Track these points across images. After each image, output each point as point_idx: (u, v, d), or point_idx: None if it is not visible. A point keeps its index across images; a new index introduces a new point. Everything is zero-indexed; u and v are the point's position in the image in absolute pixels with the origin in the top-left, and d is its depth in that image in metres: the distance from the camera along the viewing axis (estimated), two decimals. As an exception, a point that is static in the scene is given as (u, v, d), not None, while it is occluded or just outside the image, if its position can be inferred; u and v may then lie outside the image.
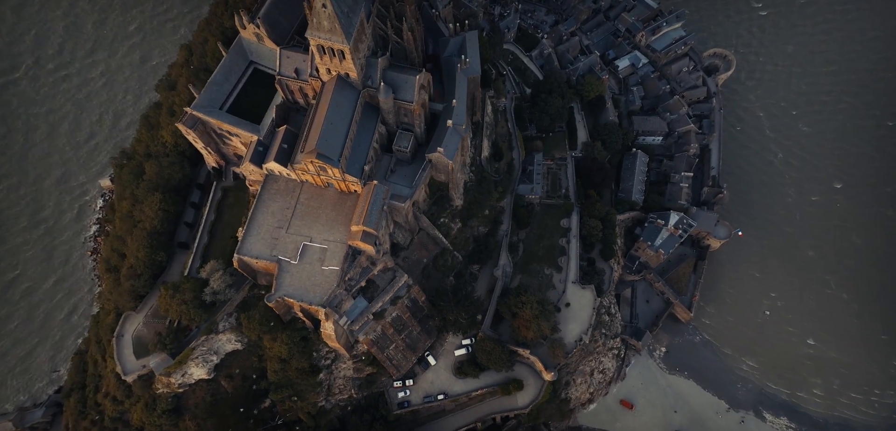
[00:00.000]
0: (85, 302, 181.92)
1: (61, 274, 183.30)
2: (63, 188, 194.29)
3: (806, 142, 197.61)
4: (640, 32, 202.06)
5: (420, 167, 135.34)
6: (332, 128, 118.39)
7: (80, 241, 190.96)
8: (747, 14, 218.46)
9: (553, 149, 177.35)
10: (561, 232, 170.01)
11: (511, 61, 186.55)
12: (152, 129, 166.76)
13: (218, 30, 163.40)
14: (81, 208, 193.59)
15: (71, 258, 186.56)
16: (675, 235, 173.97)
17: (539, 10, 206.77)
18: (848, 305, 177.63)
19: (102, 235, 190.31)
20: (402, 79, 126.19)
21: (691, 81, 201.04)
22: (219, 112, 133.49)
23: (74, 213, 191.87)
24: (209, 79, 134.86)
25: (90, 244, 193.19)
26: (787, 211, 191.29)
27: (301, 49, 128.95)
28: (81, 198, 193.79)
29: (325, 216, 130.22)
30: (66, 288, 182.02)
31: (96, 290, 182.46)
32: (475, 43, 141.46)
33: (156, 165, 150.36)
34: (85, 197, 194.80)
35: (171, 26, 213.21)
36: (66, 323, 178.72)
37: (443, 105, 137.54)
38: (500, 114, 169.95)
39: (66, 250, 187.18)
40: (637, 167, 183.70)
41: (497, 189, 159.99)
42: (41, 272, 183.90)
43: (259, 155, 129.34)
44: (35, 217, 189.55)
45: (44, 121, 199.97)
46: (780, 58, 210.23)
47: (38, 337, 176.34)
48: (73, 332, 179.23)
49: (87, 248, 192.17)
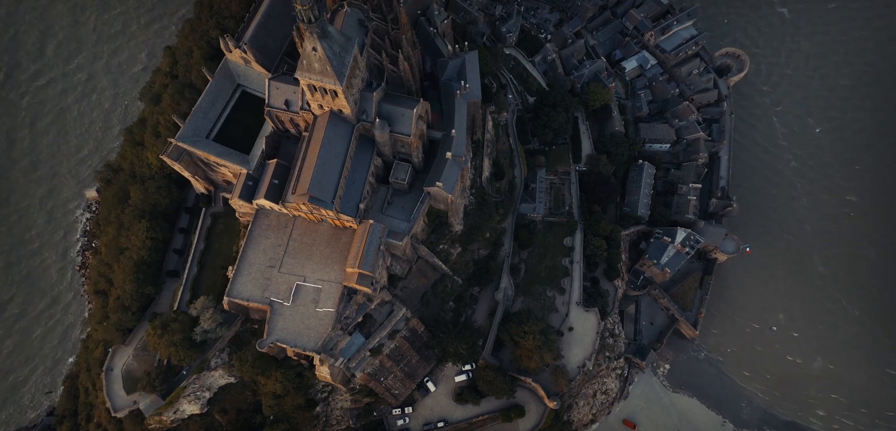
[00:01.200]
0: (76, 320, 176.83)
1: (53, 297, 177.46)
2: (53, 204, 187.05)
3: (820, 150, 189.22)
4: (649, 32, 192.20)
5: (418, 198, 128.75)
6: (324, 169, 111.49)
7: (69, 258, 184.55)
8: (765, 10, 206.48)
9: (556, 164, 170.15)
10: (564, 251, 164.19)
11: (513, 67, 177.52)
12: (137, 146, 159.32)
13: (203, 41, 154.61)
14: (69, 226, 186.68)
15: (64, 277, 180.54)
16: (682, 253, 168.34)
17: (542, 8, 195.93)
18: (859, 323, 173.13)
19: (90, 249, 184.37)
20: (399, 112, 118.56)
21: (702, 84, 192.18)
22: (205, 142, 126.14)
23: (61, 235, 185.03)
24: (194, 106, 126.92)
25: (78, 258, 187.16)
26: (797, 222, 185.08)
27: (291, 78, 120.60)
28: (67, 217, 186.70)
29: (320, 253, 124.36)
30: (57, 310, 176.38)
31: (86, 307, 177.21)
32: (475, 65, 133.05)
33: (141, 190, 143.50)
34: (73, 213, 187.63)
35: (156, 28, 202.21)
36: (59, 345, 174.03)
37: (442, 133, 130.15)
38: (501, 128, 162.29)
39: (59, 269, 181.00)
40: (643, 179, 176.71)
41: (498, 211, 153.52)
42: (31, 294, 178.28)
43: (249, 190, 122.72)
44: (23, 236, 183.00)
45: (28, 132, 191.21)
46: (798, 59, 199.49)
47: (30, 361, 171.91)
48: (66, 353, 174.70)
49: (75, 263, 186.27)
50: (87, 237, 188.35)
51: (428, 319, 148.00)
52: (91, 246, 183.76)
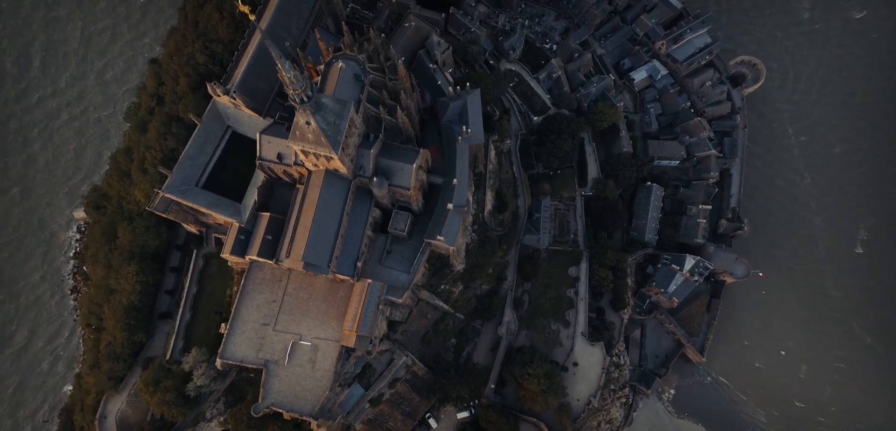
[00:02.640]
0: (69, 344, 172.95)
1: (53, 332, 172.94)
2: (49, 232, 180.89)
3: (838, 169, 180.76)
4: (660, 40, 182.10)
5: (418, 245, 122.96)
6: (320, 232, 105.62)
7: (64, 283, 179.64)
8: (785, 18, 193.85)
9: (561, 189, 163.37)
10: (569, 281, 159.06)
11: (516, 85, 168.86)
12: (123, 177, 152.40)
13: (189, 66, 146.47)
14: (60, 248, 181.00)
15: (58, 302, 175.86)
16: (691, 281, 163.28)
17: (548, 15, 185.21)
18: (871, 350, 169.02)
19: (80, 273, 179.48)
20: (398, 166, 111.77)
21: (715, 96, 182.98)
22: (194, 191, 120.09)
23: (57, 259, 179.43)
24: (182, 153, 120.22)
25: (69, 281, 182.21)
26: (811, 242, 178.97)
27: (284, 129, 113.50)
28: (58, 238, 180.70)
29: (316, 309, 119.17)
30: (56, 345, 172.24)
31: (79, 334, 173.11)
32: (477, 106, 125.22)
33: (130, 231, 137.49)
34: (65, 233, 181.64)
35: (142, 44, 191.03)
36: (51, 373, 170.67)
37: (443, 181, 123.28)
38: (504, 156, 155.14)
39: (58, 302, 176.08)
40: (651, 202, 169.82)
41: (501, 247, 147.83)
42: (23, 319, 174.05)
43: (241, 244, 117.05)
44: (20, 262, 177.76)
45: (19, 155, 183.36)
46: (819, 71, 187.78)
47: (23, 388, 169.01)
48: (60, 381, 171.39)
49: (68, 285, 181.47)
50: (77, 260, 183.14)
51: (429, 359, 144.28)
52: (82, 269, 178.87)
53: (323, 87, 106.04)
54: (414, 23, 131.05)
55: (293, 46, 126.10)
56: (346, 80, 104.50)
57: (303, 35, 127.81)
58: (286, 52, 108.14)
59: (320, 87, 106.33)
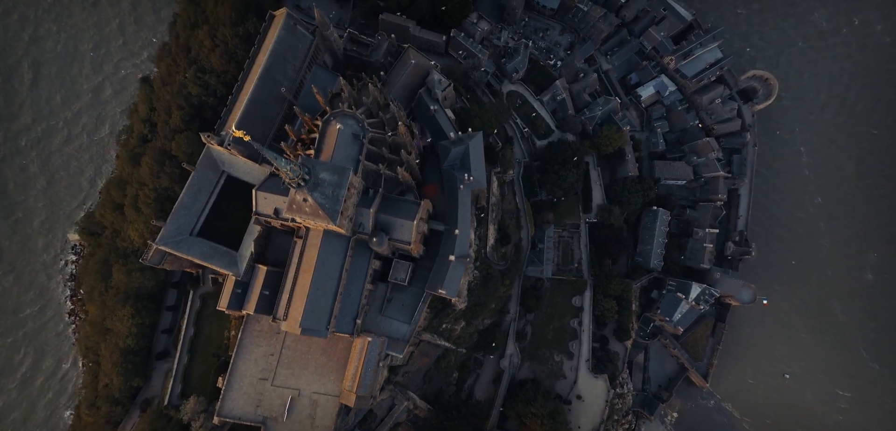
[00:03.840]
0: (72, 378, 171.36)
1: (52, 365, 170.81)
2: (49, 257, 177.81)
3: (850, 188, 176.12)
4: (669, 55, 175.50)
5: (420, 293, 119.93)
6: (318, 294, 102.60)
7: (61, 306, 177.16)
8: (805, 30, 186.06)
9: (565, 216, 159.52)
10: (572, 311, 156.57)
11: (519, 107, 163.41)
12: (117, 210, 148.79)
13: (181, 97, 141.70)
14: (59, 271, 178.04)
15: (62, 343, 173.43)
16: (696, 309, 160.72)
17: (552, 29, 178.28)
18: (878, 375, 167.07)
19: (76, 297, 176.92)
20: (399, 222, 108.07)
21: (725, 113, 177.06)
22: (189, 241, 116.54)
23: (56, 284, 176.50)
24: (176, 203, 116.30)
25: (67, 304, 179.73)
26: (818, 264, 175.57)
27: (281, 186, 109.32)
28: (57, 263, 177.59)
29: (315, 362, 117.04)
30: (56, 374, 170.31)
31: (80, 364, 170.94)
32: (480, 150, 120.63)
33: (124, 272, 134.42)
34: (62, 257, 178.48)
35: (138, 60, 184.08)
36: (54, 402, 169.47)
37: (444, 227, 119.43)
38: (506, 186, 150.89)
39: (59, 331, 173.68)
40: (657, 227, 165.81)
41: (504, 282, 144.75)
42: (29, 354, 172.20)
43: (238, 298, 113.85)
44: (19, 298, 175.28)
45: (17, 177, 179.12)
46: (835, 88, 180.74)
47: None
48: (61, 404, 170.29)
49: (65, 308, 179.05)
50: (75, 282, 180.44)
51: (430, 396, 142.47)
52: (78, 293, 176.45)
53: (320, 147, 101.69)
54: (414, 60, 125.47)
55: (290, 89, 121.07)
56: (344, 142, 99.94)
57: (299, 75, 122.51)
58: (281, 150, 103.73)
59: (318, 146, 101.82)
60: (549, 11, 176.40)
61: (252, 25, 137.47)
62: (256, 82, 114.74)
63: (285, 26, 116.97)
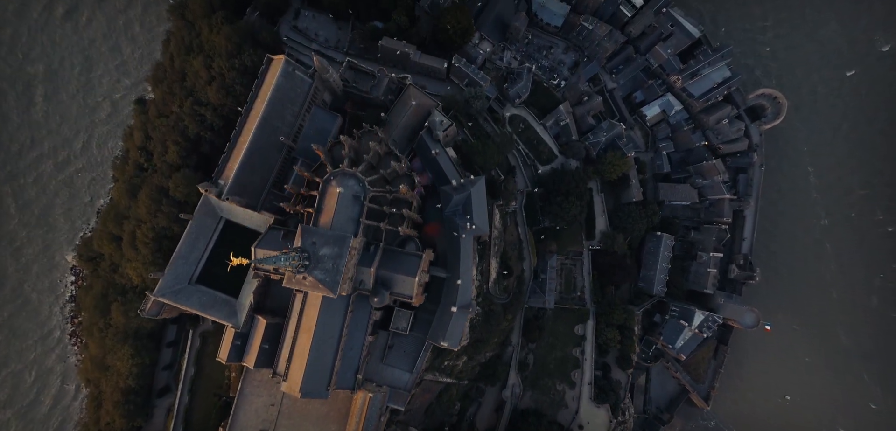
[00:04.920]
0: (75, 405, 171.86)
1: (59, 389, 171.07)
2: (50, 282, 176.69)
3: (858, 211, 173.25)
4: (675, 75, 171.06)
5: (421, 340, 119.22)
6: (318, 356, 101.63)
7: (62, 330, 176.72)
8: (815, 48, 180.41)
9: (568, 245, 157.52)
10: (575, 340, 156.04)
11: (522, 131, 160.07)
12: (115, 241, 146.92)
13: (177, 130, 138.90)
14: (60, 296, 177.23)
15: (65, 373, 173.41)
16: (699, 336, 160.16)
17: (556, 47, 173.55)
18: (882, 403, 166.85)
19: (77, 318, 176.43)
20: (400, 278, 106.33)
21: (732, 134, 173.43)
22: (188, 290, 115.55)
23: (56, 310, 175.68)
24: (174, 253, 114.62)
25: (68, 326, 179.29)
26: (823, 288, 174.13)
27: (280, 236, 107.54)
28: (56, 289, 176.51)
29: (316, 412, 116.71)
30: (59, 401, 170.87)
31: (82, 389, 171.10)
32: (482, 196, 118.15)
33: (122, 312, 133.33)
34: (62, 282, 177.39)
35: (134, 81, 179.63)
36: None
37: (446, 275, 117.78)
38: (509, 217, 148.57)
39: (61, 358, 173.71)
40: (661, 253, 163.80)
41: (506, 316, 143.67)
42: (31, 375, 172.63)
43: (237, 350, 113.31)
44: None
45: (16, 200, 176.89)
46: (844, 105, 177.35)
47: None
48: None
49: (66, 331, 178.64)
50: (75, 303, 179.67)
51: (432, 428, 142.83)
52: (78, 315, 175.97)
53: (320, 207, 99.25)
54: (415, 101, 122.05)
55: (289, 135, 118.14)
56: (344, 205, 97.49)
57: (298, 120, 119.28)
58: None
59: (318, 206, 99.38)
60: (553, 29, 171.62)
61: (248, 58, 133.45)
62: (255, 131, 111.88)
63: (284, 73, 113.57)
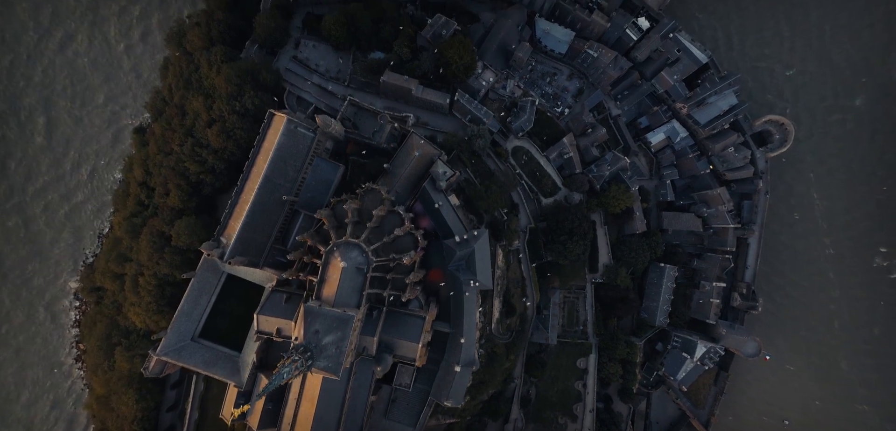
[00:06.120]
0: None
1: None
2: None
3: (863, 239, 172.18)
4: (682, 103, 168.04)
5: (425, 395, 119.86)
6: (322, 423, 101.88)
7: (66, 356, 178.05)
8: (823, 71, 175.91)
9: (571, 278, 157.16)
10: (577, 373, 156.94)
11: (525, 163, 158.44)
12: (117, 279, 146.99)
13: (178, 173, 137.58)
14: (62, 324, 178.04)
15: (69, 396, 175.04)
16: (701, 367, 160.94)
17: (560, 73, 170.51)
18: (880, 428, 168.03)
19: (81, 342, 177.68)
20: (404, 344, 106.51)
21: (737, 161, 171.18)
22: (190, 348, 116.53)
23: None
24: (176, 310, 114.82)
25: (72, 351, 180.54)
26: (826, 315, 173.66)
27: (282, 300, 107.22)
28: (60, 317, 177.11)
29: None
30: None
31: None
32: (486, 250, 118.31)
33: (126, 358, 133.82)
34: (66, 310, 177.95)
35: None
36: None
37: (449, 331, 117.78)
38: (512, 255, 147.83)
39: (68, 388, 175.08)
40: (664, 284, 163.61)
41: (509, 356, 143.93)
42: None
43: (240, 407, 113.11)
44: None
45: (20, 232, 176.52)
46: (852, 134, 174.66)
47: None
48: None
49: (71, 355, 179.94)
50: (79, 328, 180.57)
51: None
52: (82, 342, 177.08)
53: (323, 278, 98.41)
54: (418, 152, 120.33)
55: (291, 191, 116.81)
56: (348, 278, 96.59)
57: (300, 174, 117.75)
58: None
59: (321, 276, 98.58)
60: (557, 55, 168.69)
61: (249, 100, 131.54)
62: (257, 190, 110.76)
63: (286, 131, 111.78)
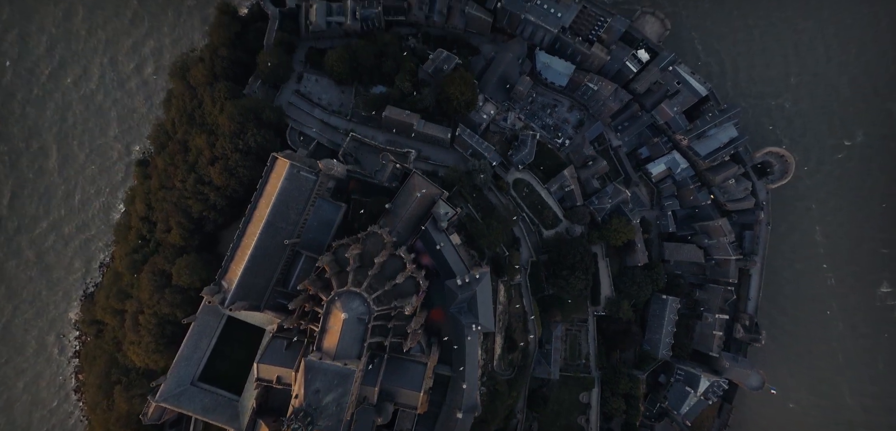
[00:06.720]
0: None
1: None
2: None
3: (866, 270, 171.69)
4: (682, 134, 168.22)
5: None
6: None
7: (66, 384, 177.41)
8: (827, 101, 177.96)
9: (573, 312, 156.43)
10: (580, 408, 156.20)
11: (526, 195, 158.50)
12: (117, 315, 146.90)
13: (180, 210, 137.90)
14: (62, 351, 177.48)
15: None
16: (704, 401, 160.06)
17: (561, 105, 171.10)
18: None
19: (82, 372, 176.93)
20: (405, 392, 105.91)
21: (738, 193, 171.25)
22: (190, 392, 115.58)
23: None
24: (176, 355, 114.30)
25: (72, 382, 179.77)
26: (830, 348, 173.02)
27: (283, 348, 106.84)
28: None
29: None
30: None
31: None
32: (487, 293, 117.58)
33: (125, 398, 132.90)
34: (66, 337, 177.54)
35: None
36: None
37: (451, 374, 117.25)
38: (513, 289, 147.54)
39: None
40: (666, 316, 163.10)
41: (511, 392, 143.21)
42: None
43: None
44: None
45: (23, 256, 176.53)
46: (855, 167, 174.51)
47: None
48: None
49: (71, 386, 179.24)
50: (79, 358, 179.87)
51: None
52: (80, 375, 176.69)
53: (325, 328, 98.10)
54: (419, 192, 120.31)
55: (293, 233, 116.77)
56: (349, 329, 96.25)
57: (302, 217, 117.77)
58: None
59: (322, 326, 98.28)
60: (558, 87, 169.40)
61: (252, 138, 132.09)
62: (259, 235, 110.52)
63: (289, 176, 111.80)
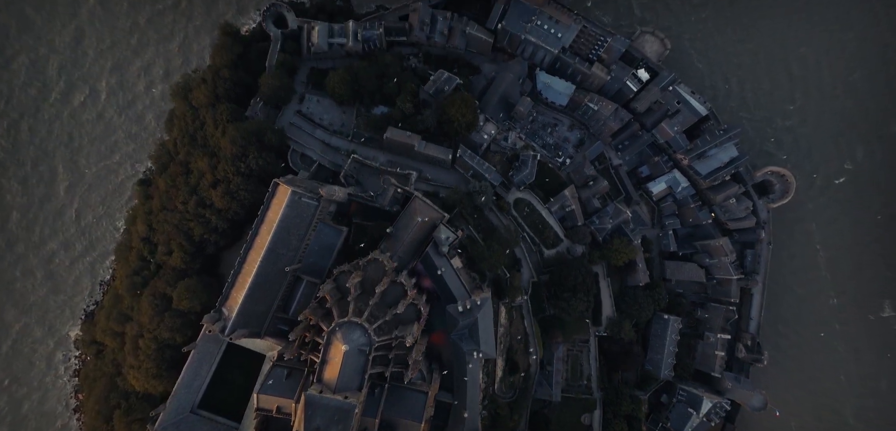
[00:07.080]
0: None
1: None
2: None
3: (868, 289, 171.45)
4: (682, 154, 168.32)
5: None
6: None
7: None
8: (827, 122, 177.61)
9: (574, 332, 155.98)
10: (582, 430, 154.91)
11: (527, 214, 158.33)
12: (117, 337, 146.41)
13: (181, 232, 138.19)
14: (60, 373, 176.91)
15: None
16: (707, 423, 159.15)
17: (561, 124, 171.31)
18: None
19: (81, 392, 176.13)
20: (406, 423, 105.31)
21: (739, 212, 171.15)
22: (189, 420, 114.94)
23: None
24: (176, 383, 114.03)
25: (72, 401, 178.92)
26: (832, 369, 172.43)
27: (283, 377, 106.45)
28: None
29: None
30: None
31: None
32: (489, 319, 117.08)
33: (125, 424, 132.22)
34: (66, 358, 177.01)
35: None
36: None
37: (453, 402, 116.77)
38: (515, 310, 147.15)
39: None
40: (668, 336, 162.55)
41: (513, 416, 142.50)
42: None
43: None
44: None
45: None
46: (856, 186, 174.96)
47: None
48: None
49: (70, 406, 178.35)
50: (79, 379, 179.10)
51: None
52: (79, 394, 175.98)
53: (325, 358, 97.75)
54: (420, 217, 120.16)
55: (294, 259, 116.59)
56: (350, 360, 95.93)
57: (304, 241, 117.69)
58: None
59: (323, 357, 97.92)
60: (558, 107, 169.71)
61: (254, 161, 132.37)
62: (260, 262, 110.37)
63: (290, 203, 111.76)
